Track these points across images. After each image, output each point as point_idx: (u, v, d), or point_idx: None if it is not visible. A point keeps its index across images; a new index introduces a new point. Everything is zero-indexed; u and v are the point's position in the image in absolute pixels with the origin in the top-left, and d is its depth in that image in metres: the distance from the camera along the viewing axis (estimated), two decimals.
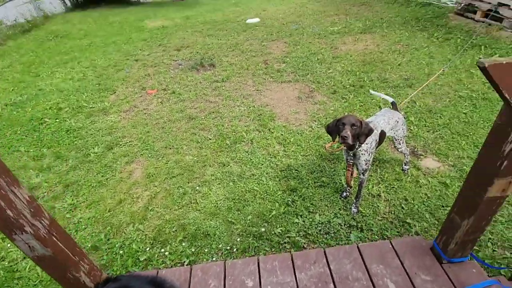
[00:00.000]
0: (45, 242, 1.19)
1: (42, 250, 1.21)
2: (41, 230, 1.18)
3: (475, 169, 1.29)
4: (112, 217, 2.76)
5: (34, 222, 1.15)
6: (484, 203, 1.26)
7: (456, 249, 1.51)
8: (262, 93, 4.66)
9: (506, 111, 1.06)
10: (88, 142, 3.80)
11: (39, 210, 1.19)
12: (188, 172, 3.23)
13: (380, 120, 2.53)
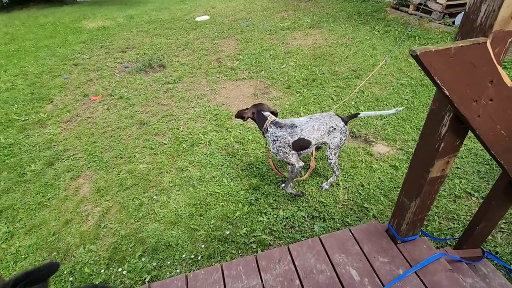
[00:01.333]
0: None
1: None
2: None
3: (417, 153, 1.36)
4: (58, 241, 2.47)
5: None
6: (427, 183, 1.33)
7: (408, 228, 1.60)
8: (217, 92, 4.56)
9: (439, 96, 1.12)
10: (22, 159, 3.35)
11: None
12: (144, 181, 3.02)
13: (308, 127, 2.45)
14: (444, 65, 0.83)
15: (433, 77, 0.85)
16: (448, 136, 1.15)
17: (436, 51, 0.79)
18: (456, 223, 2.43)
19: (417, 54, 0.79)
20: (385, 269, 1.57)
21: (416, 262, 1.55)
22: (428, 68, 0.81)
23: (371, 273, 1.57)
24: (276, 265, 1.67)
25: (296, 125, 2.47)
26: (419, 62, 0.82)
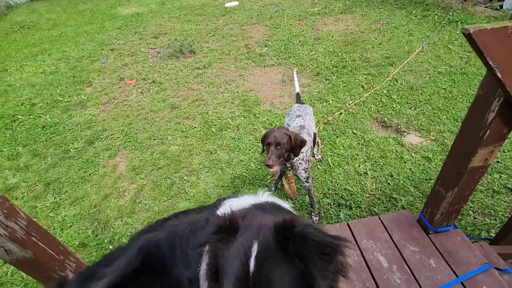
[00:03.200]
0: (23, 244, 1.12)
1: (21, 252, 1.14)
2: (18, 232, 1.11)
3: (458, 140, 1.30)
4: (99, 213, 2.68)
5: (8, 223, 1.08)
6: (467, 173, 1.28)
7: (442, 219, 1.56)
8: (245, 78, 4.58)
9: (489, 79, 1.06)
10: (67, 137, 3.63)
11: (13, 210, 1.11)
12: (175, 162, 3.16)
13: (309, 121, 2.32)
14: (499, 45, 0.79)
15: (486, 57, 0.81)
16: (495, 123, 1.09)
17: (492, 29, 0.76)
18: (493, 219, 2.31)
19: (470, 32, 0.75)
20: (415, 258, 1.55)
21: (450, 254, 1.52)
22: (482, 47, 0.78)
23: (400, 260, 1.56)
24: None
25: (304, 126, 2.27)
26: (472, 41, 0.78)
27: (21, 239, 1.11)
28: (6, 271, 2.27)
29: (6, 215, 1.07)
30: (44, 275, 1.25)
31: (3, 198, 1.07)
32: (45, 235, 1.24)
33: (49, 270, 1.24)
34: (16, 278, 2.21)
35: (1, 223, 1.05)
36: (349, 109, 3.66)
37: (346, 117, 3.55)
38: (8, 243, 1.09)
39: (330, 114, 3.61)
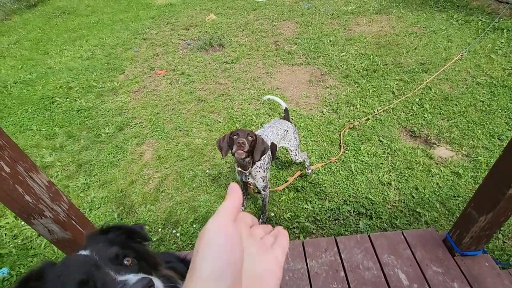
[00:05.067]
0: (64, 226, 1.21)
1: (62, 233, 1.24)
2: (61, 214, 1.20)
3: (501, 163, 1.24)
4: (125, 198, 2.82)
5: (54, 206, 1.17)
6: (506, 199, 1.23)
7: (470, 243, 1.50)
8: (272, 76, 4.56)
9: None
10: (99, 122, 3.81)
11: (58, 194, 1.20)
12: (198, 155, 3.24)
13: (268, 133, 2.37)
14: None
15: None
16: None
17: None
18: None
19: None
20: (437, 279, 1.51)
21: (476, 279, 1.47)
22: None
23: (421, 280, 1.53)
24: (322, 254, 1.72)
25: (259, 134, 2.31)
26: None
27: (63, 221, 1.20)
28: (40, 243, 2.45)
29: (52, 199, 1.15)
30: None
31: (50, 183, 1.16)
32: (82, 219, 1.32)
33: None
34: (48, 251, 2.38)
35: (47, 205, 1.14)
36: (377, 115, 3.56)
37: (373, 124, 3.46)
38: (52, 225, 1.18)
39: (357, 119, 3.54)
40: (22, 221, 2.64)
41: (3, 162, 0.99)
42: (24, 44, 6.38)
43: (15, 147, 1.04)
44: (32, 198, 1.09)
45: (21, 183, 1.05)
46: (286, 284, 1.61)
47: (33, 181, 1.09)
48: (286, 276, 1.64)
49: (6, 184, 1.01)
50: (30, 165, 1.08)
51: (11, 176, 1.02)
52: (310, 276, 1.62)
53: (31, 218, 1.14)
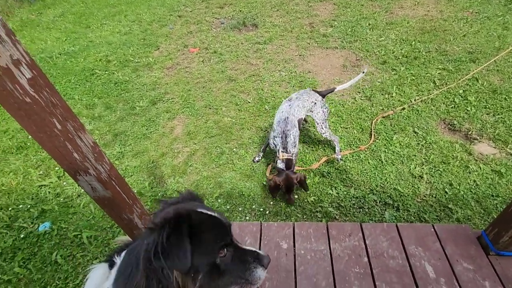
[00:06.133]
0: (105, 185, 1.31)
1: (103, 191, 1.33)
2: (103, 174, 1.29)
3: None
4: (155, 168, 2.96)
5: (97, 166, 1.25)
6: None
7: (509, 242, 1.42)
8: (305, 59, 4.44)
9: None
10: (134, 95, 3.97)
11: (101, 155, 1.28)
12: (226, 133, 3.29)
13: (295, 108, 2.56)
14: None
15: None
16: None
17: None
18: None
19: None
20: (467, 276, 1.46)
21: (509, 281, 1.39)
22: None
23: (449, 275, 1.48)
24: (346, 238, 1.71)
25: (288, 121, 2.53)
26: None
27: (104, 180, 1.29)
28: (79, 203, 2.67)
29: (96, 158, 1.24)
30: (116, 214, 1.46)
31: (95, 144, 1.24)
32: (121, 181, 1.41)
33: (121, 210, 1.44)
34: (86, 211, 2.59)
35: (92, 164, 1.23)
36: (414, 105, 3.38)
37: (409, 114, 3.30)
38: (95, 182, 1.28)
39: (391, 108, 3.38)
40: (64, 181, 2.88)
41: (56, 120, 1.07)
42: (68, 18, 6.69)
43: (66, 106, 1.12)
44: (79, 156, 1.17)
45: (71, 141, 1.13)
46: (308, 263, 1.63)
47: (81, 140, 1.17)
48: (308, 255, 1.67)
49: (57, 141, 1.10)
50: (78, 125, 1.16)
51: (62, 133, 1.10)
52: (333, 258, 1.63)
53: (77, 175, 1.24)
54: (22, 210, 2.59)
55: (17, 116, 1.02)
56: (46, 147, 1.12)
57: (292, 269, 1.61)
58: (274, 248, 1.71)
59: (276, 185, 2.43)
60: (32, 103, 1.00)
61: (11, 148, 3.25)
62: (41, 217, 2.54)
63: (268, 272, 1.62)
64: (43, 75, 1.04)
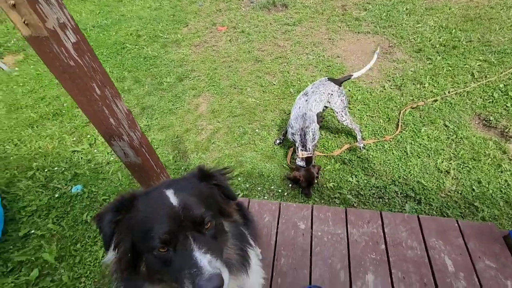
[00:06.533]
0: (137, 152, 1.37)
1: (134, 158, 1.40)
2: (135, 141, 1.35)
3: None
4: (179, 143, 3.05)
5: (130, 132, 1.32)
6: None
7: None
8: (335, 43, 4.29)
9: None
10: (161, 71, 4.04)
11: (134, 123, 1.34)
12: (250, 113, 3.30)
13: (312, 102, 2.53)
14: None
15: None
16: None
17: None
18: None
19: None
20: (489, 273, 1.43)
21: None
22: None
23: (470, 270, 1.45)
24: (364, 224, 1.71)
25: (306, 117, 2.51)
26: None
27: (136, 147, 1.36)
28: (108, 170, 2.82)
29: (129, 125, 1.30)
30: (144, 180, 1.53)
31: (129, 111, 1.30)
32: (151, 149, 1.48)
33: (149, 178, 1.51)
34: (114, 178, 2.74)
35: (126, 130, 1.29)
36: (447, 98, 3.21)
37: (441, 106, 3.14)
38: (127, 148, 1.35)
39: (422, 99, 3.23)
40: (95, 149, 3.04)
41: (95, 85, 1.13)
42: None
43: (105, 73, 1.17)
44: (115, 121, 1.23)
45: (108, 107, 1.19)
46: (324, 245, 1.66)
47: (117, 106, 1.23)
48: (324, 237, 1.69)
49: (96, 105, 1.16)
50: (115, 92, 1.21)
51: (101, 98, 1.15)
52: (349, 243, 1.65)
53: (112, 140, 1.31)
54: (57, 172, 2.79)
55: (62, 78, 1.08)
56: (86, 111, 1.18)
57: (308, 248, 1.64)
58: (292, 228, 1.74)
59: (296, 179, 2.43)
60: (75, 66, 1.05)
61: (48, 114, 3.46)
62: (73, 180, 2.72)
63: (285, 249, 1.67)
64: (86, 41, 1.08)
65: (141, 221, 0.81)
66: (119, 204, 0.84)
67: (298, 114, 2.53)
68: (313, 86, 2.67)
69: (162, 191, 0.83)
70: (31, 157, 2.95)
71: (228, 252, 0.92)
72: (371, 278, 1.50)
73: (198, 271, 0.72)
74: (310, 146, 2.50)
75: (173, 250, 0.78)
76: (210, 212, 0.84)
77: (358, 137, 2.79)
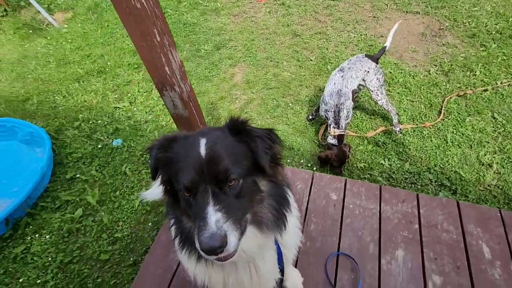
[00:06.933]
0: (185, 104, 1.42)
1: (182, 110, 1.45)
2: (184, 93, 1.39)
3: None
4: (213, 110, 3.10)
5: (181, 84, 1.36)
6: None
7: None
8: (379, 22, 4.05)
9: None
10: (200, 38, 4.05)
11: (185, 75, 1.38)
12: (284, 87, 3.27)
13: (348, 79, 2.46)
14: None
15: None
16: None
17: None
18: None
19: None
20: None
21: None
22: None
23: (507, 260, 1.42)
24: (399, 203, 1.69)
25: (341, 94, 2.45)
26: None
27: (185, 99, 1.40)
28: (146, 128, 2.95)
29: (181, 77, 1.34)
30: None
31: (182, 63, 1.33)
32: (197, 104, 1.52)
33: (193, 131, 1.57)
34: (151, 136, 2.86)
35: (178, 81, 1.33)
36: (499, 88, 2.98)
37: (491, 97, 2.93)
38: (177, 99, 1.39)
39: (471, 87, 3.02)
40: (135, 107, 3.17)
41: (156, 30, 1.15)
42: None
43: (165, 20, 1.19)
44: (169, 70, 1.27)
45: (165, 55, 1.22)
46: (355, 217, 1.66)
47: (172, 56, 1.26)
48: (356, 210, 1.69)
49: (155, 52, 1.20)
50: (172, 41, 1.24)
51: (160, 45, 1.19)
52: (381, 218, 1.64)
53: (164, 89, 1.36)
54: (100, 125, 2.96)
55: (127, 21, 1.11)
56: (144, 57, 1.23)
57: (339, 219, 1.66)
58: (323, 197, 1.76)
59: (327, 158, 2.39)
60: (141, 9, 1.08)
61: (93, 71, 3.62)
62: (114, 134, 2.88)
63: (315, 217, 1.69)
64: None
65: (174, 163, 0.84)
66: (162, 143, 0.89)
67: (333, 91, 2.48)
68: (349, 62, 2.59)
69: (197, 138, 0.84)
70: (77, 109, 3.15)
71: (261, 210, 0.91)
72: (401, 254, 1.50)
73: (203, 226, 0.73)
74: (343, 124, 2.45)
75: (193, 198, 0.80)
76: (238, 169, 0.81)
77: (394, 120, 2.69)
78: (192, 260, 0.95)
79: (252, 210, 0.88)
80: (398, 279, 1.42)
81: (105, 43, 4.11)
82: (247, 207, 0.86)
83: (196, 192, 0.79)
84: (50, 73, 3.70)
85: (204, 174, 0.78)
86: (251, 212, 0.88)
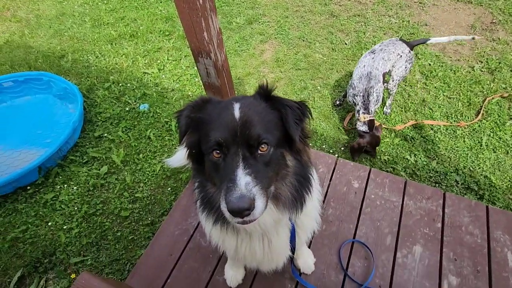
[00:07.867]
0: (219, 73, 1.40)
1: (214, 79, 1.44)
2: (219, 62, 1.37)
3: None
4: (240, 85, 3.07)
5: (217, 52, 1.33)
6: None
7: None
8: (425, 8, 3.77)
9: None
10: (233, 10, 3.94)
11: (222, 44, 1.35)
12: (314, 69, 3.16)
13: (379, 61, 2.34)
14: None
15: None
16: None
17: None
18: None
19: None
20: None
21: None
22: None
23: None
24: (423, 199, 1.64)
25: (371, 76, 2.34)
26: None
27: (219, 68, 1.38)
28: (172, 96, 2.97)
29: (218, 45, 1.31)
30: None
31: (220, 30, 1.30)
32: (229, 75, 1.50)
33: None
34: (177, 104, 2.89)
35: (214, 49, 1.30)
36: None
37: None
38: (211, 67, 1.38)
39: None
40: (163, 74, 3.19)
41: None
42: None
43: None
44: (208, 36, 1.24)
45: (205, 19, 1.19)
46: (375, 207, 1.63)
47: (212, 21, 1.23)
48: (377, 201, 1.66)
49: (196, 15, 1.17)
50: (213, 6, 1.20)
51: (202, 9, 1.15)
52: (403, 212, 1.61)
53: (199, 56, 1.34)
54: (129, 89, 3.01)
55: None
56: (185, 20, 1.20)
57: (358, 206, 1.64)
58: (345, 184, 1.73)
59: (360, 147, 2.31)
60: None
61: (125, 34, 3.64)
62: (142, 98, 2.93)
63: (334, 202, 1.68)
64: None
65: (206, 123, 0.85)
66: (196, 103, 0.90)
67: (362, 74, 2.35)
68: (381, 44, 2.45)
69: (231, 103, 0.85)
70: (108, 70, 3.21)
71: (282, 187, 0.90)
72: (418, 250, 1.47)
73: (233, 187, 0.72)
74: (373, 108, 2.35)
75: (223, 159, 0.80)
76: (270, 137, 0.81)
77: (388, 102, 2.70)
78: (209, 223, 0.98)
79: (276, 184, 0.88)
80: (412, 273, 1.41)
81: (139, 7, 4.09)
82: (273, 179, 0.86)
83: (226, 153, 0.80)
84: (85, 32, 3.76)
85: (237, 137, 0.78)
86: (274, 185, 0.87)
